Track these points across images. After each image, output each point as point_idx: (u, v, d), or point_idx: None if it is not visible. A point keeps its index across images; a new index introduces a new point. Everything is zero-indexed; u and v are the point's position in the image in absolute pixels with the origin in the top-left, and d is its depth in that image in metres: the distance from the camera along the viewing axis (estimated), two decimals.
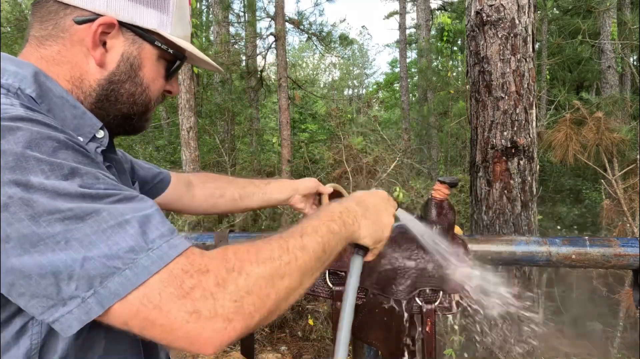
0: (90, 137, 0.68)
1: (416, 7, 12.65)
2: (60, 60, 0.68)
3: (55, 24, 0.67)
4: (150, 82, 0.75)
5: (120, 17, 0.68)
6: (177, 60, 0.77)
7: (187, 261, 0.53)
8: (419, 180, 6.42)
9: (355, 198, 0.84)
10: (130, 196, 0.56)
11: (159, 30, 0.72)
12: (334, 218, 0.73)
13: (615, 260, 1.17)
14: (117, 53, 0.70)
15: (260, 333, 4.43)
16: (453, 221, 1.15)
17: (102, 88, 0.70)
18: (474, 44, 2.49)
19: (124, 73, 0.71)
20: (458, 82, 8.71)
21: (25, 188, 0.50)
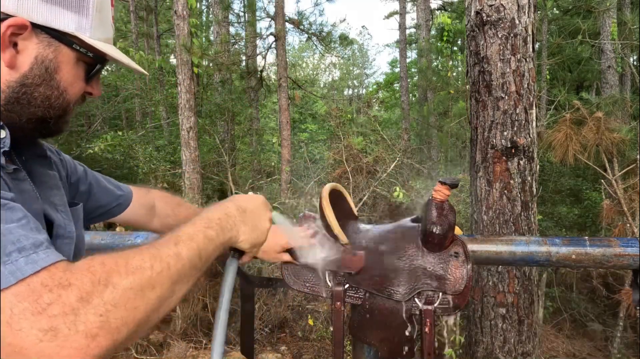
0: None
1: (416, 7, 12.65)
2: None
3: None
4: (68, 85, 0.72)
5: (33, 19, 0.65)
6: (97, 63, 0.74)
7: (48, 274, 0.50)
8: (419, 180, 6.43)
9: (234, 203, 0.83)
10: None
11: (77, 34, 0.69)
12: (211, 225, 0.72)
13: (615, 260, 1.17)
14: (30, 55, 0.66)
15: (260, 333, 4.43)
16: (453, 223, 1.14)
17: (12, 90, 0.66)
18: (474, 44, 2.49)
19: (37, 77, 0.68)
20: (458, 82, 8.71)
21: None
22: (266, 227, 0.87)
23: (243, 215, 0.82)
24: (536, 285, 2.56)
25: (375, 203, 6.03)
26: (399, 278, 1.13)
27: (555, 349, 4.92)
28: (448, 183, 1.13)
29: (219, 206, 0.80)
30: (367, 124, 9.22)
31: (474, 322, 2.62)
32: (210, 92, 8.71)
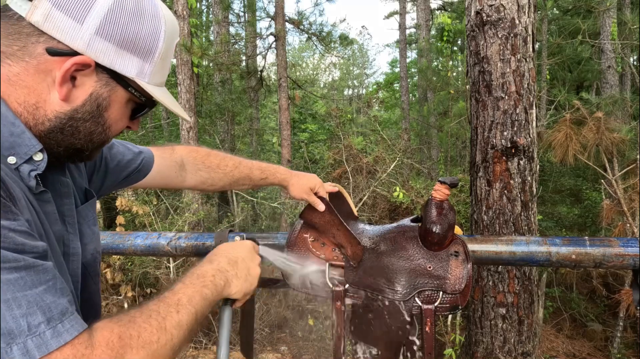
0: (25, 159, 0.64)
1: (416, 7, 12.65)
2: (16, 82, 0.64)
3: (24, 47, 0.63)
4: (113, 123, 0.73)
5: (99, 60, 0.65)
6: (146, 106, 0.75)
7: (71, 352, 0.54)
8: (419, 180, 6.43)
9: (225, 256, 0.87)
10: (30, 265, 0.55)
11: (136, 79, 0.70)
12: (206, 284, 0.77)
13: (615, 260, 1.17)
14: (86, 92, 0.67)
15: (260, 333, 4.44)
16: (453, 222, 1.14)
17: (59, 121, 0.67)
18: (474, 44, 2.49)
19: (88, 113, 0.68)
20: (458, 82, 8.71)
21: None
22: (257, 273, 0.92)
23: (235, 268, 0.86)
24: (536, 285, 2.56)
25: (375, 203, 6.03)
26: (399, 278, 1.13)
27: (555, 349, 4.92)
28: (448, 182, 1.13)
29: (211, 261, 0.85)
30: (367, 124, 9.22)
31: (474, 322, 2.62)
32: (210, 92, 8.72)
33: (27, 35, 0.63)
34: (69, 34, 0.63)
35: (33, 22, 0.62)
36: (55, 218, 0.73)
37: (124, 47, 0.67)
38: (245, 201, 5.71)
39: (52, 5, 0.62)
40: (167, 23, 0.71)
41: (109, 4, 0.64)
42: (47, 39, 0.63)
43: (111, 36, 0.65)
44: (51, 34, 0.62)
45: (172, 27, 0.73)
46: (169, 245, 1.44)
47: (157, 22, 0.70)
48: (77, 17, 0.63)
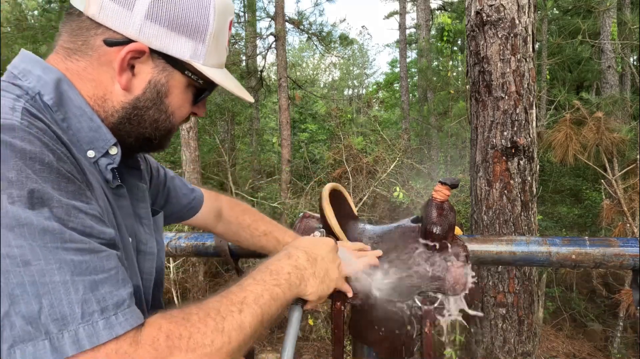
0: (102, 153, 0.66)
1: (416, 7, 12.65)
2: (85, 76, 0.66)
3: (85, 41, 0.65)
4: (176, 109, 0.73)
5: (152, 45, 0.65)
6: (206, 89, 0.75)
7: (115, 347, 0.51)
8: (419, 180, 6.43)
9: (305, 251, 0.81)
10: (95, 249, 0.53)
11: (191, 61, 0.69)
12: (279, 282, 0.71)
13: (615, 260, 1.17)
14: (144, 79, 0.68)
15: None
16: (453, 223, 1.14)
17: (125, 111, 0.68)
18: (474, 44, 2.49)
19: (149, 100, 0.69)
20: (458, 82, 8.71)
21: None
22: (336, 276, 0.85)
23: (314, 266, 0.80)
24: (536, 285, 2.57)
25: (375, 203, 6.03)
26: (399, 278, 1.13)
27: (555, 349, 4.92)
28: (448, 183, 1.13)
29: (289, 255, 0.79)
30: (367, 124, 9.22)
31: (474, 322, 2.62)
32: None
33: (86, 29, 0.65)
34: (121, 22, 0.63)
35: (90, 15, 0.64)
36: (129, 213, 0.74)
37: (174, 28, 0.66)
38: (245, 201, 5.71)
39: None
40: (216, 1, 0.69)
41: None
42: (104, 30, 0.64)
43: (160, 18, 0.65)
44: (107, 25, 0.64)
45: (222, 3, 0.70)
46: (168, 245, 1.44)
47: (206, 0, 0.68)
48: (126, 4, 0.63)
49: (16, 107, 0.55)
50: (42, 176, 0.51)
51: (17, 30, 7.70)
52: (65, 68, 0.66)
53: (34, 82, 0.62)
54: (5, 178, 0.49)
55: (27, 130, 0.53)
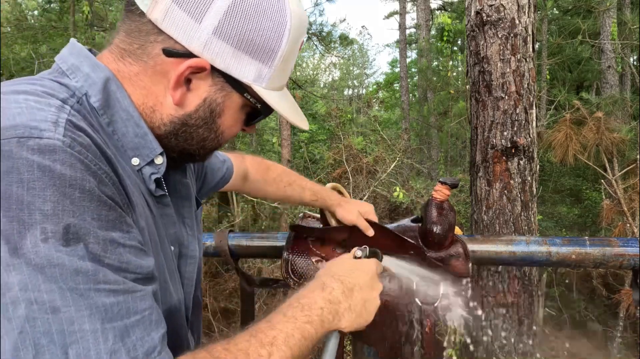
0: (147, 161, 0.63)
1: (416, 7, 12.65)
2: (136, 82, 0.62)
3: (142, 45, 0.60)
4: (226, 129, 0.68)
5: (215, 63, 0.60)
6: (262, 113, 0.69)
7: None
8: (419, 180, 6.43)
9: (341, 281, 0.74)
10: (129, 289, 0.50)
11: (253, 84, 0.63)
12: (311, 319, 0.64)
13: (615, 260, 1.17)
14: (200, 96, 0.63)
15: None
16: (453, 222, 1.14)
17: (173, 126, 0.64)
18: (474, 44, 2.49)
19: (201, 119, 0.64)
20: (458, 82, 8.72)
21: (13, 251, 0.44)
22: (376, 306, 0.78)
23: (349, 299, 0.72)
24: (536, 285, 2.57)
25: (375, 203, 6.03)
26: (399, 278, 1.12)
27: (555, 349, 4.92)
28: (448, 183, 1.13)
29: (323, 286, 0.72)
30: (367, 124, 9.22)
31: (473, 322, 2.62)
32: None
33: (146, 33, 0.60)
34: (186, 34, 0.58)
35: (153, 19, 0.58)
36: (173, 221, 0.70)
37: (242, 48, 0.60)
38: (245, 201, 5.72)
39: (172, 1, 0.58)
40: (293, 19, 0.62)
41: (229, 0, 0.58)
42: (165, 38, 0.59)
43: (229, 37, 0.59)
44: (169, 33, 0.58)
45: (298, 24, 0.64)
46: None
47: (282, 20, 0.61)
48: (195, 15, 0.58)
49: (59, 121, 0.50)
50: (80, 205, 0.47)
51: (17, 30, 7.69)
52: (117, 70, 0.62)
53: (81, 81, 0.59)
54: (40, 211, 0.45)
55: (69, 151, 0.48)
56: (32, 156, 0.46)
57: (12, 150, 0.45)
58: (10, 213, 0.44)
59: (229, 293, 4.92)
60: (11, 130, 0.47)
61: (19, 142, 0.46)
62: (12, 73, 7.28)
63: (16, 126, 0.47)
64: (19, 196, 0.44)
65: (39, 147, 0.46)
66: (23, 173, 0.45)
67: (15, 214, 0.44)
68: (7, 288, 0.43)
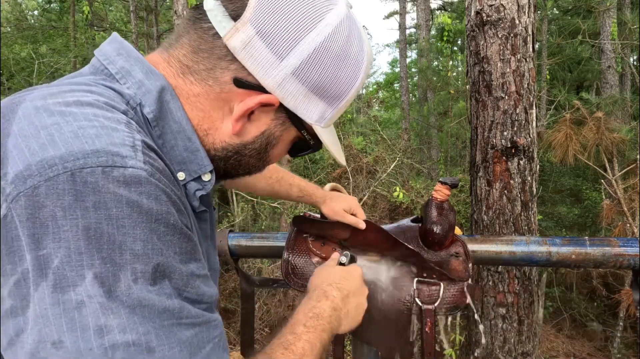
0: (194, 177, 0.60)
1: (416, 7, 12.65)
2: (194, 102, 0.59)
3: (211, 69, 0.57)
4: (274, 157, 0.67)
5: (285, 101, 0.59)
6: (311, 149, 0.68)
7: None
8: (419, 180, 6.43)
9: (338, 288, 0.78)
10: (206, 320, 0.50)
11: (314, 124, 0.63)
12: (325, 328, 0.68)
13: (615, 260, 1.17)
14: (259, 128, 0.61)
15: (260, 333, 4.44)
16: (453, 223, 1.15)
17: (225, 152, 0.62)
18: (474, 44, 2.49)
19: (255, 150, 0.63)
20: (458, 82, 8.72)
21: (108, 294, 0.42)
22: (364, 309, 0.84)
23: (346, 304, 0.78)
24: (536, 284, 2.57)
25: (375, 203, 6.03)
26: (399, 278, 1.13)
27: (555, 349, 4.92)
28: (448, 183, 1.13)
29: (326, 295, 0.76)
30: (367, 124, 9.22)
31: (473, 322, 2.62)
32: None
33: (218, 57, 0.56)
34: (264, 69, 0.56)
35: (230, 46, 0.55)
36: (207, 235, 0.69)
37: (315, 92, 0.59)
38: (245, 201, 5.72)
39: (256, 33, 0.55)
40: (366, 67, 0.63)
41: (316, 43, 0.56)
42: (238, 67, 0.56)
43: (307, 80, 0.58)
44: (244, 64, 0.56)
45: (368, 69, 0.64)
46: None
47: (358, 68, 0.61)
48: (279, 52, 0.55)
49: (136, 144, 0.47)
50: (166, 241, 0.46)
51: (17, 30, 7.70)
52: (175, 85, 0.59)
53: (134, 89, 0.55)
54: (131, 251, 0.44)
55: (153, 182, 0.46)
56: (119, 189, 0.44)
57: (99, 182, 0.43)
58: (103, 253, 0.42)
59: (229, 293, 4.92)
60: (94, 157, 0.44)
61: (104, 172, 0.43)
62: (12, 73, 7.28)
63: (98, 152, 0.44)
64: (110, 235, 0.43)
65: (124, 178, 0.44)
66: (112, 209, 0.43)
67: (108, 254, 0.43)
68: (107, 330, 0.42)
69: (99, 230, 0.42)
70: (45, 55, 7.58)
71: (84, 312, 0.41)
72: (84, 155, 0.43)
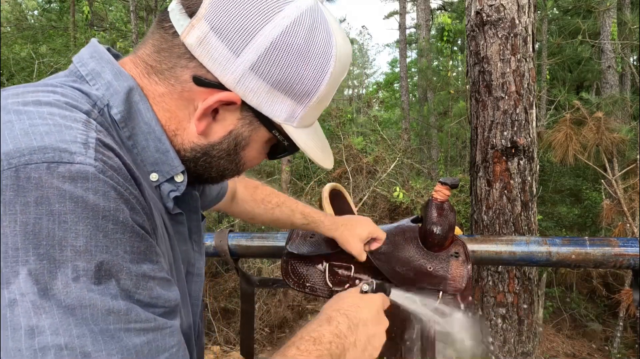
0: (167, 178, 0.59)
1: (416, 7, 12.65)
2: (160, 103, 0.58)
3: (172, 68, 0.56)
4: (248, 161, 0.65)
5: (247, 99, 0.56)
6: (287, 150, 0.65)
7: None
8: (419, 180, 6.43)
9: (346, 315, 0.73)
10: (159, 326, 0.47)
11: (283, 124, 0.60)
12: (322, 353, 0.64)
13: (615, 260, 1.17)
14: (226, 128, 0.60)
15: (260, 333, 4.44)
16: (454, 223, 1.15)
17: (194, 154, 0.61)
18: (474, 43, 2.49)
19: (224, 151, 0.61)
20: (458, 82, 8.72)
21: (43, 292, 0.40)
22: (381, 343, 0.76)
23: (354, 334, 0.72)
24: (536, 284, 2.57)
25: (375, 203, 6.03)
26: (399, 279, 1.12)
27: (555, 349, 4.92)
28: (448, 183, 1.13)
29: (329, 320, 0.71)
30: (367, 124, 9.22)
31: None
32: None
33: (177, 56, 0.56)
34: (220, 65, 0.55)
35: (187, 43, 0.55)
36: (185, 238, 0.67)
37: (278, 87, 0.57)
38: None
39: (210, 29, 0.54)
40: (337, 61, 0.59)
41: (273, 37, 0.54)
42: (197, 65, 0.55)
43: (267, 75, 0.56)
44: (201, 61, 0.55)
45: (342, 65, 0.61)
46: None
47: (326, 62, 0.58)
48: (234, 47, 0.54)
49: (89, 142, 0.46)
50: (114, 238, 0.44)
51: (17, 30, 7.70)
52: (142, 86, 0.58)
53: (102, 90, 0.55)
54: (72, 247, 0.42)
55: (102, 178, 0.45)
56: (63, 185, 0.42)
57: (42, 178, 0.42)
58: (40, 250, 0.41)
59: (228, 293, 4.92)
60: (40, 153, 0.43)
61: (49, 168, 0.42)
62: (12, 73, 7.28)
63: (45, 148, 0.43)
64: (50, 230, 0.41)
65: (70, 174, 0.43)
66: (54, 204, 0.41)
67: (46, 251, 0.41)
68: (38, 331, 0.40)
69: (38, 226, 0.41)
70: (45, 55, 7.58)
71: (16, 311, 0.40)
72: (30, 152, 0.43)
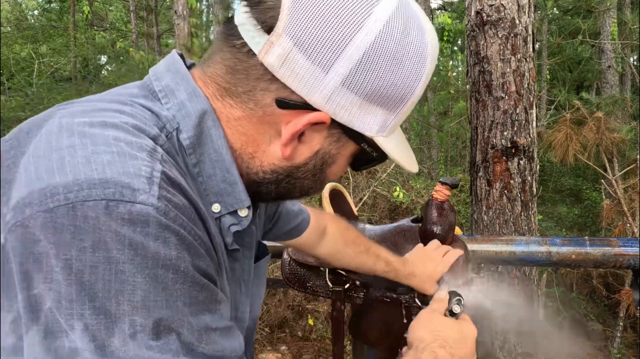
0: (230, 210, 0.54)
1: None
2: (235, 127, 0.53)
3: (250, 92, 0.50)
4: (331, 176, 0.59)
5: (337, 116, 0.50)
6: (375, 161, 0.59)
7: None
8: (419, 180, 6.43)
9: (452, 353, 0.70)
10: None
11: (375, 136, 0.54)
12: None
13: (615, 260, 1.17)
14: (312, 149, 0.54)
15: (260, 333, 4.44)
16: (454, 223, 1.14)
17: (275, 176, 0.55)
18: (474, 43, 2.49)
19: (309, 172, 0.56)
20: (458, 82, 8.72)
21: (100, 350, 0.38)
22: None
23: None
24: (536, 284, 2.57)
25: (375, 203, 6.03)
26: None
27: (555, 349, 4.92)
28: (448, 183, 1.13)
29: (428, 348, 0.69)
30: None
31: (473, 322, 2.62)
32: None
33: (255, 78, 0.50)
34: (307, 84, 0.48)
35: (266, 64, 0.48)
36: (237, 277, 0.62)
37: (371, 99, 0.51)
38: None
39: (294, 45, 0.47)
40: (431, 60, 0.53)
41: (365, 45, 0.47)
42: (279, 87, 0.49)
43: (359, 88, 0.49)
44: (285, 82, 0.48)
45: (433, 62, 0.54)
46: None
47: (422, 64, 0.52)
48: (322, 63, 0.47)
49: (154, 175, 0.42)
50: (173, 290, 0.41)
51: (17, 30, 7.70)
52: (214, 108, 0.53)
53: (174, 110, 0.50)
54: (129, 301, 0.39)
55: (163, 222, 0.41)
56: (121, 229, 0.38)
57: (100, 219, 0.38)
58: (96, 303, 0.38)
59: None
60: (99, 188, 0.39)
61: (108, 207, 0.38)
62: (12, 73, 7.28)
63: (106, 182, 0.39)
64: (106, 282, 0.38)
65: (130, 215, 0.39)
66: (111, 251, 0.38)
67: (101, 304, 0.38)
68: None
69: (94, 276, 0.38)
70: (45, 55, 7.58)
71: None
72: (89, 185, 0.39)
